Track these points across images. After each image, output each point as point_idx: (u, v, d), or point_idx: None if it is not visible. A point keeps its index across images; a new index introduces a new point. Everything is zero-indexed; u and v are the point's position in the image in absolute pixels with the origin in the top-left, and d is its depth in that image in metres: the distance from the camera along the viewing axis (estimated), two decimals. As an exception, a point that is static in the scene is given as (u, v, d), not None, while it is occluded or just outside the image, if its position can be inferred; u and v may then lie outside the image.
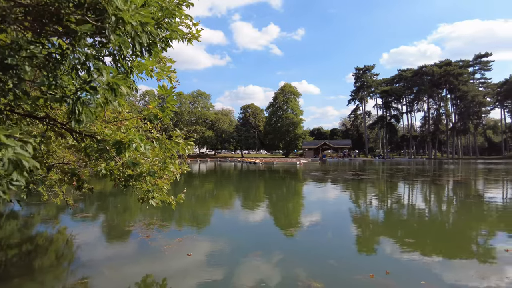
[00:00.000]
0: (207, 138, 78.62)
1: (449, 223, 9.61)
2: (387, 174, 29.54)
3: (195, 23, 3.74)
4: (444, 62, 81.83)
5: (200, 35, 3.95)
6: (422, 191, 17.10)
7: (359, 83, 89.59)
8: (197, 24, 3.77)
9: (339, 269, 5.30)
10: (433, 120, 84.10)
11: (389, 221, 9.75)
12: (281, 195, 15.86)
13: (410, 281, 4.78)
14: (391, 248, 6.68)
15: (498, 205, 12.46)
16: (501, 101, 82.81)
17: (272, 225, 9.10)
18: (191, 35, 3.94)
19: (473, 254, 6.28)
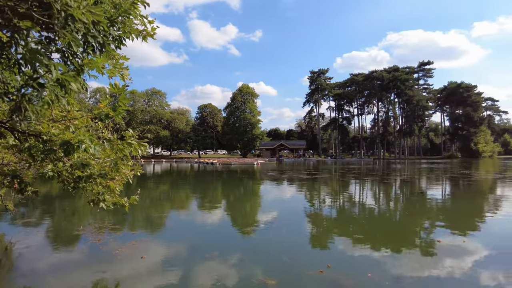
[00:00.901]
0: (162, 138, 76.43)
1: (395, 218, 10.30)
2: (339, 173, 30.81)
3: (150, 21, 3.65)
4: (392, 68, 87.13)
5: (156, 33, 3.86)
6: (371, 189, 18.10)
7: (313, 86, 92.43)
8: (153, 21, 3.69)
9: (292, 266, 5.47)
10: (382, 123, 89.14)
11: (340, 218, 10.22)
12: (239, 195, 15.95)
13: (358, 274, 5.07)
14: (341, 243, 7.01)
15: (438, 201, 13.57)
16: (441, 105, 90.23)
17: (229, 225, 9.14)
18: (146, 33, 3.85)
19: (416, 246, 6.79)
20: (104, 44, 2.56)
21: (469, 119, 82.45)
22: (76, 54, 2.56)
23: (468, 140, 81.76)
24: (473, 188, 18.45)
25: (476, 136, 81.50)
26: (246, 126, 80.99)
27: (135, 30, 3.13)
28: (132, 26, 3.05)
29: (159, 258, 5.93)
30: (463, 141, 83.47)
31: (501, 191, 16.65)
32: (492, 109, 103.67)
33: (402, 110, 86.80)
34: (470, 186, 19.37)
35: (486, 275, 5.00)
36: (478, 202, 13.26)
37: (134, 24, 3.16)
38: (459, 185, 20.02)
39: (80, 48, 2.40)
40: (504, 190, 16.97)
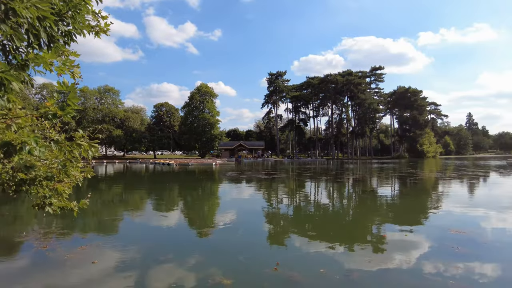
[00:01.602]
0: (115, 138, 73.08)
1: (348, 215, 10.78)
2: (296, 173, 31.55)
3: (103, 16, 3.49)
4: (346, 72, 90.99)
5: (109, 29, 3.70)
6: (326, 188, 18.77)
7: (272, 88, 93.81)
8: (106, 17, 3.53)
9: (248, 265, 5.53)
10: (336, 124, 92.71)
11: (296, 216, 10.48)
12: (196, 196, 15.74)
13: (310, 270, 5.25)
14: (296, 241, 7.20)
15: (387, 198, 14.42)
16: (391, 109, 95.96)
17: (186, 227, 9.00)
18: (99, 29, 3.67)
19: (366, 241, 7.17)
20: (53, 40, 2.42)
21: (416, 122, 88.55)
22: (19, 49, 2.40)
23: (415, 141, 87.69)
24: (419, 186, 19.83)
25: (421, 138, 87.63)
26: (204, 126, 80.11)
27: (86, 26, 2.98)
28: (83, 22, 2.90)
29: (112, 262, 5.69)
30: (410, 142, 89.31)
31: (442, 188, 18.06)
32: (435, 112, 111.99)
33: (355, 113, 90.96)
34: (416, 184, 20.79)
35: (428, 266, 5.42)
36: (423, 199, 14.28)
37: (86, 19, 3.02)
38: (406, 183, 21.41)
39: (24, 43, 2.24)
40: (445, 187, 18.43)
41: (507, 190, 17.13)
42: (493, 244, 6.71)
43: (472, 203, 12.45)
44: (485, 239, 7.03)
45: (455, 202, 12.53)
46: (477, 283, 4.72)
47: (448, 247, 6.43)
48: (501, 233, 7.67)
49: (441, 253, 6.16)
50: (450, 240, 6.87)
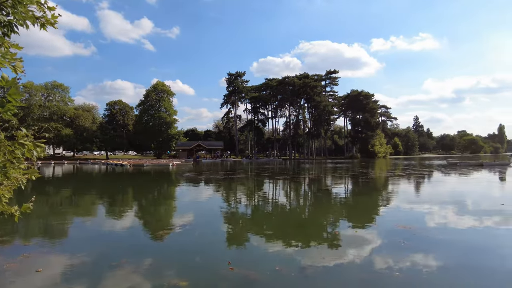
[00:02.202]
0: (64, 137, 68.57)
1: (304, 214, 11.07)
2: (254, 173, 31.80)
3: (50, 7, 3.25)
4: (303, 75, 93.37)
5: (57, 21, 3.45)
6: (283, 188, 19.12)
7: (231, 88, 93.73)
8: (54, 8, 3.29)
9: (204, 265, 5.48)
10: (293, 125, 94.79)
11: (254, 216, 10.57)
12: (152, 198, 15.29)
13: (266, 268, 5.33)
14: (253, 240, 7.27)
15: (341, 197, 15.02)
16: (344, 111, 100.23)
17: (141, 229, 8.71)
18: (45, 20, 3.42)
19: (320, 238, 7.42)
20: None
21: (368, 124, 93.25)
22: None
23: (367, 142, 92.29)
24: (370, 184, 20.89)
25: (373, 139, 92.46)
26: (161, 126, 77.80)
27: (30, 16, 2.77)
28: (26, 12, 2.70)
29: (59, 270, 5.34)
30: (362, 143, 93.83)
31: (391, 186, 19.18)
32: (386, 115, 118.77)
33: (311, 114, 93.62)
34: (368, 183, 21.88)
35: (377, 260, 5.73)
36: (374, 197, 15.07)
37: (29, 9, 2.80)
38: (358, 182, 22.44)
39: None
40: (394, 185, 19.59)
41: (447, 187, 18.59)
42: (435, 237, 7.26)
43: (418, 200, 13.35)
44: (428, 233, 7.58)
45: (403, 199, 13.37)
46: (421, 274, 5.08)
47: (395, 241, 6.85)
48: (442, 227, 8.31)
49: (389, 247, 6.55)
50: (397, 235, 7.32)
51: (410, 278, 4.89)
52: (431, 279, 4.87)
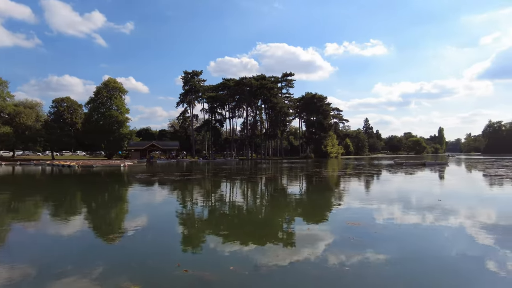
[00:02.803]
0: (2, 136, 62.92)
1: (260, 213, 11.19)
2: (211, 174, 31.56)
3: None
4: (260, 76, 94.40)
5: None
6: (240, 188, 19.18)
7: (187, 87, 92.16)
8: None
9: (158, 269, 5.34)
10: (250, 126, 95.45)
11: (210, 217, 10.49)
12: (102, 201, 14.57)
13: (221, 269, 5.33)
14: (208, 241, 7.22)
15: (296, 195, 15.41)
16: (299, 113, 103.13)
17: (90, 234, 8.23)
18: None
19: (277, 237, 7.54)
20: None
21: (321, 125, 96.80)
22: None
23: (320, 143, 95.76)
24: (323, 183, 21.67)
25: (326, 140, 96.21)
26: (112, 124, 74.27)
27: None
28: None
29: (-6, 281, 4.89)
30: (316, 143, 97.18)
31: (343, 185, 20.03)
32: (338, 117, 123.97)
33: (268, 115, 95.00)
34: (321, 182, 22.68)
35: (328, 257, 5.96)
36: (326, 195, 15.64)
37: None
38: (312, 181, 23.18)
39: None
40: (345, 184, 20.48)
41: (394, 185, 19.84)
42: (382, 232, 7.72)
43: (367, 198, 14.07)
44: (375, 229, 8.03)
45: (353, 198, 14.04)
46: (369, 267, 5.37)
47: (345, 238, 7.18)
48: (388, 222, 8.84)
49: (339, 244, 6.85)
50: (347, 232, 7.67)
51: (358, 272, 5.16)
52: (378, 271, 5.18)
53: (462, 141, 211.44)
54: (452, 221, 8.92)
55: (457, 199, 13.50)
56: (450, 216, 9.51)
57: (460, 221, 8.88)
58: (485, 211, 10.65)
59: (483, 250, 6.35)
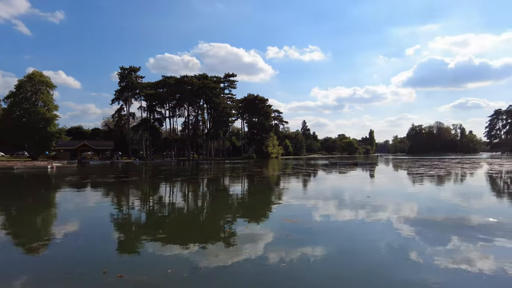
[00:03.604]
0: None
1: (201, 215, 11.10)
2: (149, 175, 30.41)
3: None
4: (202, 76, 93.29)
5: None
6: (180, 190, 18.77)
7: (124, 83, 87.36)
8: None
9: (89, 277, 5.03)
10: (192, 126, 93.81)
11: (148, 221, 10.13)
12: (24, 207, 13.19)
13: (158, 273, 5.20)
14: (145, 245, 6.96)
15: (237, 195, 15.54)
16: (242, 114, 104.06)
17: (10, 244, 7.41)
18: None
19: (217, 238, 7.53)
20: None
21: (263, 127, 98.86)
22: None
23: (262, 143, 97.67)
24: (264, 183, 22.16)
25: (267, 141, 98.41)
26: (37, 122, 67.40)
27: None
28: None
29: None
30: (258, 144, 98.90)
31: (282, 184, 20.68)
32: (278, 119, 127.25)
33: (210, 116, 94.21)
34: (262, 181, 23.16)
35: (265, 254, 6.15)
36: (266, 194, 16.03)
37: None
38: (253, 181, 23.56)
39: None
40: (284, 183, 21.17)
41: (329, 184, 21.01)
42: (317, 228, 8.17)
43: (304, 196, 14.72)
44: (310, 225, 8.46)
45: (291, 196, 14.59)
46: (304, 262, 5.66)
47: (282, 235, 7.46)
48: (323, 219, 9.37)
49: (276, 241, 7.10)
50: (284, 229, 7.95)
51: (295, 267, 5.40)
52: (314, 266, 5.47)
53: (390, 143, 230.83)
54: (380, 216, 9.74)
55: (384, 196, 14.75)
56: (378, 212, 10.37)
57: (387, 216, 9.72)
58: (408, 206, 11.80)
59: (406, 241, 7.03)
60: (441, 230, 8.01)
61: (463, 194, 15.43)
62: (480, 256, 5.94)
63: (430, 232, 7.85)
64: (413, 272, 5.21)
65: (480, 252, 6.19)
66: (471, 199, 13.64)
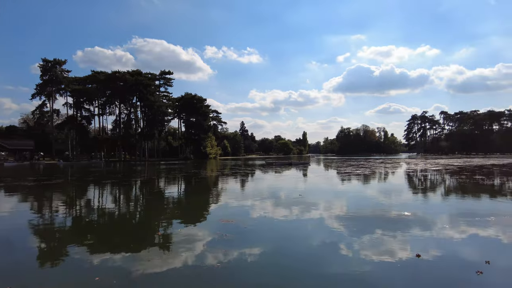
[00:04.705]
0: None
1: (133, 218, 10.58)
2: (76, 177, 28.16)
3: None
4: (136, 72, 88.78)
5: None
6: (111, 193, 17.64)
7: (47, 77, 79.58)
8: None
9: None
10: (124, 125, 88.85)
11: (74, 226, 9.37)
12: None
13: (85, 281, 4.89)
14: (72, 254, 6.46)
15: (173, 197, 15.09)
16: (179, 113, 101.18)
17: None
18: None
19: (151, 242, 7.27)
20: None
21: (200, 127, 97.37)
22: None
23: (199, 144, 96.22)
24: (202, 184, 21.90)
25: (205, 141, 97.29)
26: None
27: None
28: None
29: None
30: (195, 145, 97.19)
31: (220, 185, 20.65)
32: (217, 119, 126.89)
33: (144, 114, 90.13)
34: (199, 182, 22.86)
35: (201, 255, 6.14)
36: (204, 196, 15.88)
37: None
38: (191, 182, 23.13)
39: None
40: (222, 184, 21.16)
41: (266, 183, 21.51)
42: (252, 227, 8.33)
43: (241, 196, 14.87)
44: (246, 224, 8.61)
45: (229, 196, 14.66)
46: (239, 261, 5.76)
47: (218, 235, 7.48)
48: (259, 218, 9.59)
49: (212, 242, 7.09)
50: (221, 229, 7.98)
51: (230, 267, 5.48)
52: (249, 264, 5.61)
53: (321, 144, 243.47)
54: (312, 213, 10.27)
55: (315, 194, 15.56)
56: (311, 209, 10.93)
57: (319, 213, 10.28)
58: (337, 203, 12.62)
59: (336, 236, 7.53)
60: (366, 224, 8.74)
61: (384, 191, 16.96)
62: (399, 246, 6.61)
63: (357, 226, 8.51)
64: (343, 265, 5.63)
65: (399, 242, 6.89)
66: (391, 196, 15.06)
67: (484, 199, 13.76)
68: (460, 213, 10.17)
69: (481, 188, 17.30)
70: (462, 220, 9.13)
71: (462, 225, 8.48)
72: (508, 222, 8.72)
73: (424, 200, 13.63)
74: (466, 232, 7.75)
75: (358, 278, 4.99)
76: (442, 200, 13.51)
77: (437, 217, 9.49)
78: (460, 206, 11.80)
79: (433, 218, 9.35)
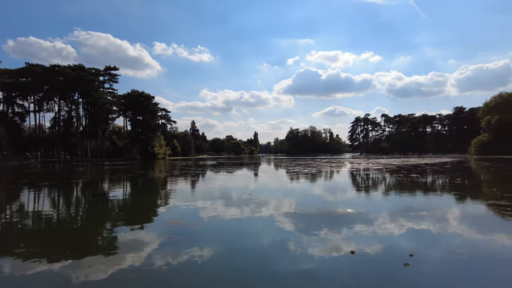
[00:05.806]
0: None
1: (74, 223, 9.83)
2: (6, 180, 25.60)
3: None
4: (78, 66, 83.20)
5: None
6: (48, 196, 16.24)
7: (-30, 68, 71.48)
8: None
9: None
10: (64, 123, 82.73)
11: (3, 233, 8.47)
12: None
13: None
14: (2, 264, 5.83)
15: (118, 200, 14.32)
16: (124, 111, 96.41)
17: None
18: None
19: (93, 247, 6.81)
20: None
21: (148, 125, 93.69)
22: None
23: (147, 143, 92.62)
24: (149, 185, 21.09)
25: (153, 141, 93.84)
26: None
27: None
28: None
29: None
30: (142, 144, 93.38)
31: (170, 186, 20.04)
32: (165, 118, 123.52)
33: (87, 112, 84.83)
34: (147, 184, 21.99)
35: (147, 259, 5.92)
36: (152, 197, 15.31)
37: None
38: (137, 184, 22.16)
39: None
40: (172, 185, 20.55)
41: (217, 184, 21.31)
42: (201, 228, 8.21)
43: (191, 197, 14.55)
44: (195, 226, 8.44)
45: (178, 197, 14.28)
46: (186, 263, 5.64)
47: (166, 237, 7.28)
48: (208, 219, 9.47)
49: (159, 244, 6.87)
50: (168, 232, 7.77)
51: (176, 269, 5.37)
52: (197, 266, 5.51)
53: (272, 144, 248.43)
54: (262, 212, 10.37)
55: (266, 193, 15.75)
56: (261, 208, 11.04)
57: (269, 212, 10.39)
58: (286, 202, 12.88)
59: (286, 234, 7.68)
60: (314, 222, 9.04)
61: (330, 189, 17.70)
62: (345, 242, 6.91)
63: (305, 223, 8.79)
64: (293, 262, 5.74)
65: (344, 238, 7.21)
66: (336, 194, 15.76)
67: (418, 195, 14.94)
68: (398, 209, 10.91)
69: (416, 185, 18.79)
70: (400, 215, 9.81)
71: (400, 219, 9.11)
72: (437, 216, 9.55)
73: (366, 197, 14.44)
74: (404, 226, 8.35)
75: (309, 275, 5.13)
76: (382, 197, 14.43)
77: (378, 213, 10.10)
78: (398, 203, 12.69)
79: (374, 214, 9.93)
